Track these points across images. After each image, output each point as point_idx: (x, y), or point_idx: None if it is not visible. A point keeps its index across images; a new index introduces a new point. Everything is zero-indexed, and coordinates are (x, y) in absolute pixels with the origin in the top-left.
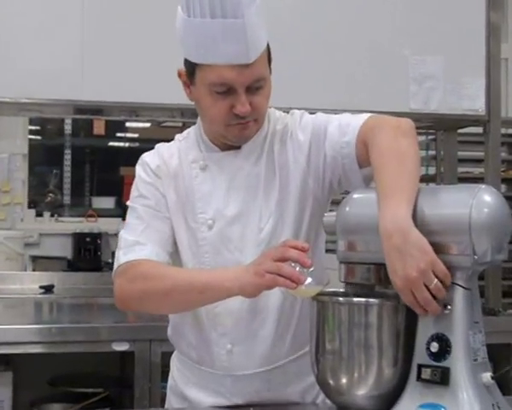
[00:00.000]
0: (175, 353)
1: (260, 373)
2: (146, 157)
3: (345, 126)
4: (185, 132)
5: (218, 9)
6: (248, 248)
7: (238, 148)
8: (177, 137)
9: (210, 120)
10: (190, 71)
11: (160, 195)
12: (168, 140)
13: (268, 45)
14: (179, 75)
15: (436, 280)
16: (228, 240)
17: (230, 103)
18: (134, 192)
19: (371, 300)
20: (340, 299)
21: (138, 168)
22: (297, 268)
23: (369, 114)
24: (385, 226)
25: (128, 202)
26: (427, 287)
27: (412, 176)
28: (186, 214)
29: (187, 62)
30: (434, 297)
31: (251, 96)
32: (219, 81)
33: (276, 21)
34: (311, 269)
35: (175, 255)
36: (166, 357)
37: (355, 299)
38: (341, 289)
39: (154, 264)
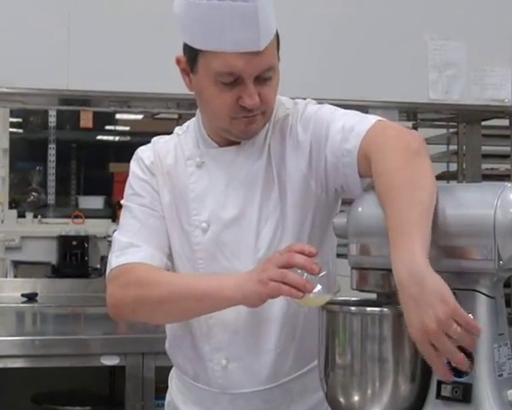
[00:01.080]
0: (174, 370)
1: (259, 392)
2: (141, 152)
3: (348, 131)
4: (185, 125)
5: None
6: (246, 255)
7: (238, 143)
8: (177, 130)
9: (212, 113)
10: (191, 58)
11: (155, 193)
12: (162, 133)
13: (277, 31)
14: (177, 62)
15: (459, 328)
16: (224, 245)
17: (237, 95)
18: (128, 190)
19: (386, 309)
20: (352, 308)
21: (133, 164)
22: (305, 275)
23: (375, 119)
24: (399, 274)
25: (122, 201)
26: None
27: (426, 207)
28: (180, 216)
29: (187, 48)
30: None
31: (259, 87)
32: (226, 70)
33: (287, 5)
34: (321, 274)
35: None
36: (160, 372)
37: (368, 308)
38: (353, 298)
39: (149, 268)
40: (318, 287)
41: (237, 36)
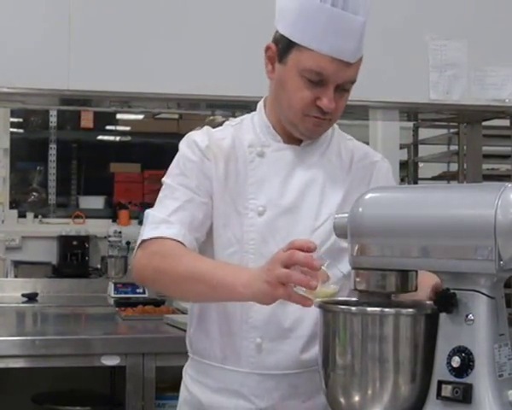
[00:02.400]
0: (188, 363)
1: (288, 376)
2: (194, 136)
3: None
4: (238, 119)
5: (340, 0)
6: None
7: (299, 143)
8: (229, 122)
9: (288, 104)
10: (284, 48)
11: (204, 176)
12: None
13: None
14: (267, 49)
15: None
16: (277, 231)
17: (316, 95)
18: (174, 169)
19: (386, 309)
20: (353, 309)
21: (183, 146)
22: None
23: None
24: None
25: (164, 179)
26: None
27: None
28: (235, 198)
29: (283, 39)
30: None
31: (336, 96)
32: (316, 70)
33: None
34: (325, 265)
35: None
36: (161, 372)
37: (369, 309)
38: (353, 298)
39: (178, 245)
40: (330, 277)
41: (337, 43)
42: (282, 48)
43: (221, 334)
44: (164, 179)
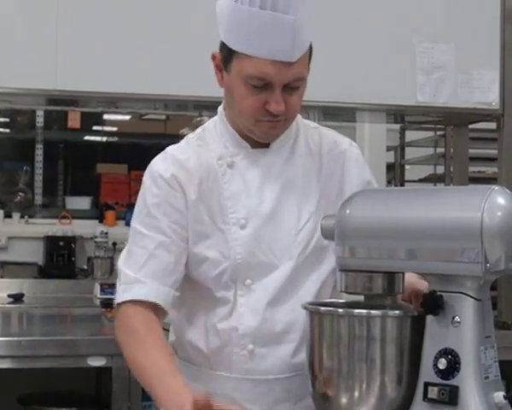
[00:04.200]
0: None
1: (282, 380)
2: (156, 165)
3: None
4: (198, 130)
5: (268, 1)
6: (282, 252)
7: (267, 146)
8: (189, 136)
9: (239, 112)
10: (227, 57)
11: (173, 210)
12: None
13: (310, 44)
14: (213, 58)
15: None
16: (262, 240)
17: (264, 99)
18: (141, 208)
19: (373, 311)
20: (340, 310)
21: (147, 178)
22: None
23: None
24: None
25: (132, 222)
26: None
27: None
28: (213, 216)
29: (224, 47)
30: None
31: (286, 95)
32: (258, 75)
33: None
34: None
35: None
36: None
37: (356, 311)
38: (340, 300)
39: (145, 323)
40: None
41: (273, 44)
42: (225, 56)
43: (210, 344)
44: (132, 223)
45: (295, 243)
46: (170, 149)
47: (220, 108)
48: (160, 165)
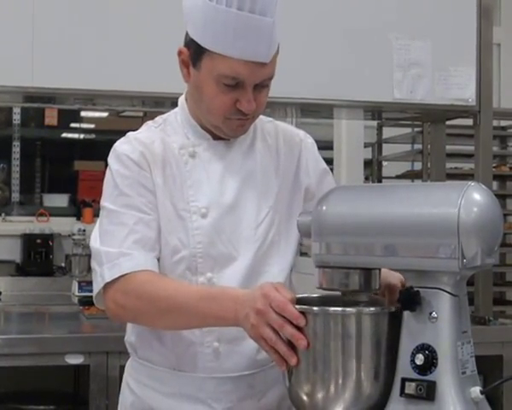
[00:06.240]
0: (130, 363)
1: (245, 377)
2: (121, 147)
3: None
4: (159, 119)
5: (246, 3)
6: (242, 244)
7: (227, 138)
8: (150, 123)
9: (208, 110)
10: (196, 54)
11: (145, 190)
12: (128, 131)
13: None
14: (179, 53)
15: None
16: (222, 231)
17: (235, 98)
18: (112, 190)
19: (348, 309)
20: (315, 309)
21: (113, 162)
22: None
23: None
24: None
25: (103, 203)
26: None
27: None
28: (176, 203)
29: (193, 44)
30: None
31: (256, 93)
32: (231, 75)
33: None
34: None
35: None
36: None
37: (331, 309)
38: (316, 295)
39: (149, 278)
40: None
41: (249, 46)
42: (194, 53)
43: (174, 344)
44: (103, 204)
45: (255, 237)
46: (131, 134)
47: (182, 99)
48: (125, 146)
